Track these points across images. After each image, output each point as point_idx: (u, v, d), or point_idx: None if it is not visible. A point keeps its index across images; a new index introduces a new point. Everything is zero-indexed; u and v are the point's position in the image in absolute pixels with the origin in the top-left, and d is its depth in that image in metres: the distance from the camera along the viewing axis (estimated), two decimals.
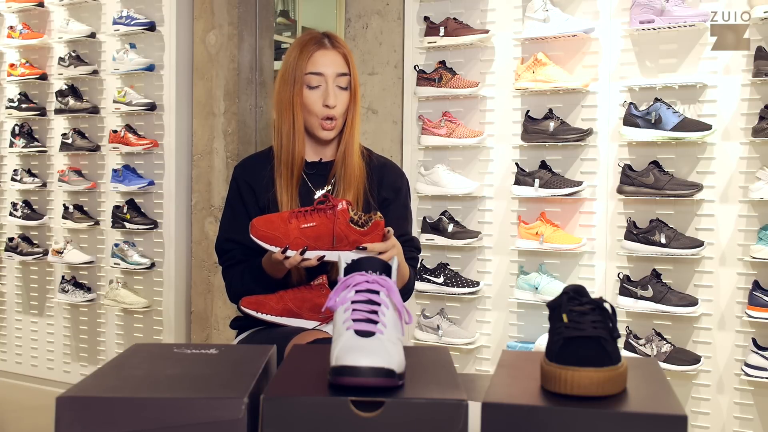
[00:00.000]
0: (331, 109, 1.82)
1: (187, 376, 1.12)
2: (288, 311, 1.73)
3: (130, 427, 1.00)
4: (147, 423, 1.00)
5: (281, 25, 7.05)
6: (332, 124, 1.84)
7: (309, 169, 1.90)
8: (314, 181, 1.90)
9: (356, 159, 1.87)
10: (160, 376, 1.12)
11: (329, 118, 1.83)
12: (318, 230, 1.61)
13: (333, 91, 1.82)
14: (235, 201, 1.92)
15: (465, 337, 3.12)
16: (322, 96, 1.82)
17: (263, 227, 1.64)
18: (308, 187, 1.89)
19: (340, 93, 1.84)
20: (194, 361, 1.20)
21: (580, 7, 2.99)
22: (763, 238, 2.63)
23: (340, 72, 1.83)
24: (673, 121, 2.73)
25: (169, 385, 1.09)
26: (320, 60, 1.82)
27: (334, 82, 1.82)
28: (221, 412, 1.00)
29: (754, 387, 2.71)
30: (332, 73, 1.82)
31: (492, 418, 0.98)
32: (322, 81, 1.82)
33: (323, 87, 1.82)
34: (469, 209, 3.20)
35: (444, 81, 3.15)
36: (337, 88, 1.83)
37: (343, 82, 1.84)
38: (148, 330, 3.91)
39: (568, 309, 1.07)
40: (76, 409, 1.00)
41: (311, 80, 1.82)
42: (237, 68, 3.78)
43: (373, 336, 1.06)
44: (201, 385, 1.08)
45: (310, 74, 1.82)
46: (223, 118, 3.78)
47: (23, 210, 4.20)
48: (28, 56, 4.25)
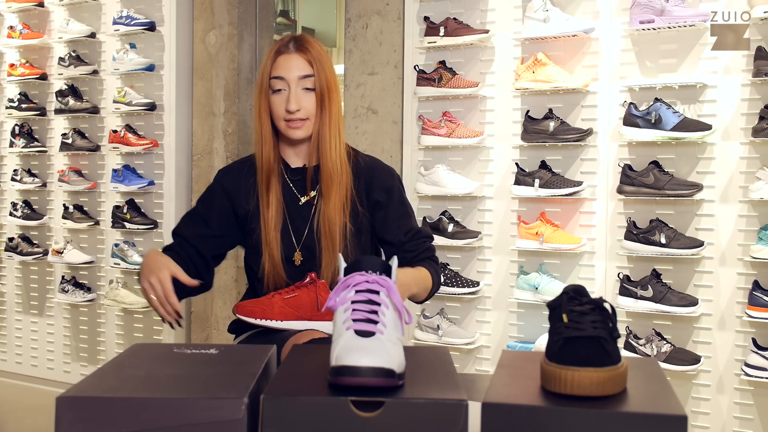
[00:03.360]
0: (293, 114, 1.82)
1: (187, 376, 1.12)
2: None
3: (131, 427, 1.00)
4: (147, 423, 1.00)
5: (281, 25, 7.05)
6: (298, 123, 1.83)
7: (293, 176, 1.90)
8: (298, 186, 1.90)
9: (337, 162, 1.85)
10: (160, 376, 1.12)
11: (293, 120, 1.83)
12: (300, 300, 1.71)
13: (295, 94, 1.81)
14: (204, 202, 1.95)
15: (465, 337, 3.12)
16: (285, 99, 1.82)
17: (248, 306, 1.74)
18: (293, 193, 1.89)
19: (305, 94, 1.83)
20: (194, 361, 1.20)
21: (580, 7, 2.99)
22: (763, 238, 2.63)
23: (303, 74, 1.82)
24: (673, 121, 2.73)
25: (169, 385, 1.09)
26: (282, 64, 1.83)
27: (297, 85, 1.82)
28: (221, 412, 1.00)
29: (754, 387, 2.71)
30: (293, 77, 1.82)
31: (492, 418, 0.98)
32: (285, 85, 1.82)
33: (286, 91, 1.82)
34: (469, 209, 3.20)
35: (444, 81, 3.15)
36: (303, 91, 1.82)
37: (308, 84, 1.83)
38: (148, 330, 3.91)
39: (568, 309, 1.07)
40: (76, 409, 1.00)
41: (275, 84, 1.83)
42: (237, 68, 3.78)
43: (373, 336, 1.06)
44: (201, 385, 1.08)
45: (274, 78, 1.83)
46: (223, 118, 3.78)
47: (23, 210, 4.20)
48: (28, 56, 4.25)
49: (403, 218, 1.90)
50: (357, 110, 3.46)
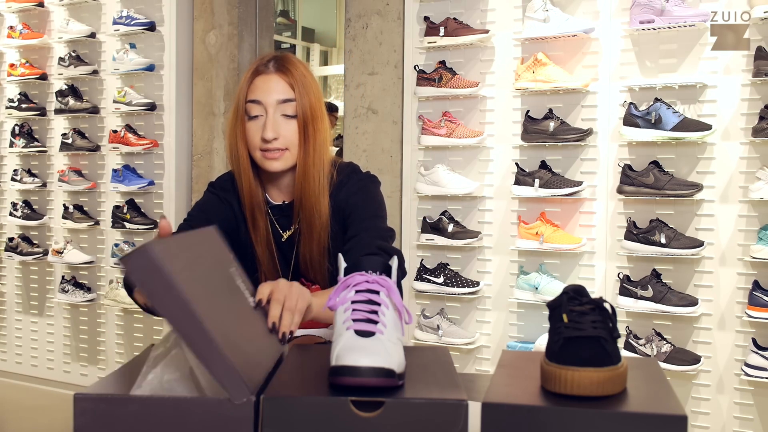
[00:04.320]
0: (269, 143, 1.63)
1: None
2: None
3: (146, 426, 1.00)
4: (153, 421, 1.00)
5: (281, 25, 7.05)
6: (276, 154, 1.65)
7: (275, 213, 1.75)
8: (281, 222, 1.75)
9: (317, 199, 1.68)
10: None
11: (269, 150, 1.65)
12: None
13: (272, 121, 1.63)
14: (202, 208, 1.75)
15: (465, 337, 3.12)
16: (262, 127, 1.64)
17: None
18: (276, 229, 1.75)
19: (285, 122, 1.65)
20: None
21: (580, 7, 2.99)
22: (763, 238, 2.63)
23: (282, 98, 1.64)
24: (673, 121, 2.73)
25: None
26: (260, 86, 1.65)
27: (275, 110, 1.64)
28: (223, 412, 1.00)
29: (754, 387, 2.71)
30: (271, 101, 1.64)
31: (492, 418, 0.98)
32: (262, 110, 1.65)
33: (262, 117, 1.65)
34: (469, 209, 3.20)
35: (444, 81, 3.15)
36: (282, 117, 1.65)
37: (288, 110, 1.65)
38: (148, 330, 3.91)
39: (568, 309, 1.07)
40: (92, 407, 1.01)
41: (251, 109, 1.65)
42: (237, 68, 3.78)
43: (373, 336, 1.06)
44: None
45: (250, 102, 1.65)
46: (223, 118, 3.78)
47: (23, 210, 4.20)
48: (28, 56, 4.25)
49: (369, 231, 1.65)
50: (357, 110, 3.46)
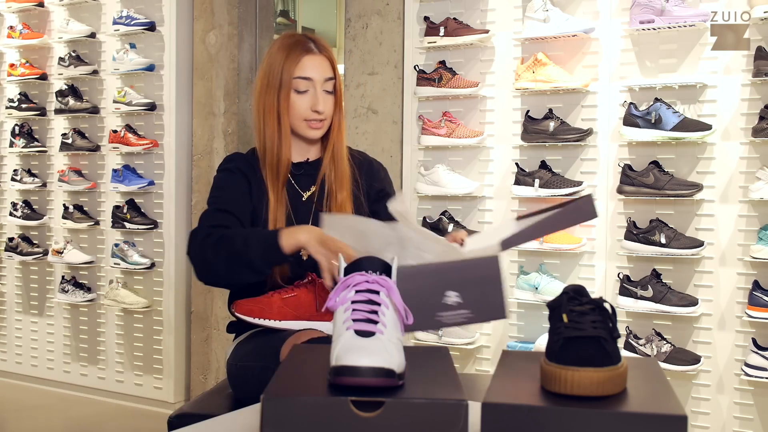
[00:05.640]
0: (319, 115, 1.86)
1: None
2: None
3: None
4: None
5: (281, 25, 7.05)
6: (320, 123, 1.88)
7: (296, 170, 1.92)
8: (301, 182, 1.92)
9: (346, 160, 1.93)
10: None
11: (316, 120, 1.87)
12: (299, 300, 1.71)
13: (322, 96, 1.85)
14: (229, 181, 1.86)
15: (465, 337, 3.12)
16: (310, 100, 1.85)
17: (246, 304, 1.71)
18: (295, 189, 1.91)
19: (327, 97, 1.87)
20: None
21: (580, 7, 2.99)
22: (763, 238, 2.63)
23: (328, 77, 1.87)
24: (673, 121, 2.73)
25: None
26: (308, 64, 1.85)
27: (322, 86, 1.86)
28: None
29: (754, 387, 2.71)
30: (320, 78, 1.85)
31: (492, 418, 0.98)
32: (311, 86, 1.85)
33: (311, 92, 1.85)
34: (469, 209, 3.20)
35: (444, 81, 3.15)
36: (324, 93, 1.87)
37: (330, 86, 1.88)
38: (148, 330, 3.91)
39: (568, 309, 1.07)
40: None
41: (299, 85, 1.85)
42: (237, 68, 3.78)
43: (373, 336, 1.05)
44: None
45: (299, 79, 1.84)
46: (223, 118, 3.78)
47: (23, 210, 4.20)
48: (28, 56, 4.25)
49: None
50: (357, 110, 3.46)
